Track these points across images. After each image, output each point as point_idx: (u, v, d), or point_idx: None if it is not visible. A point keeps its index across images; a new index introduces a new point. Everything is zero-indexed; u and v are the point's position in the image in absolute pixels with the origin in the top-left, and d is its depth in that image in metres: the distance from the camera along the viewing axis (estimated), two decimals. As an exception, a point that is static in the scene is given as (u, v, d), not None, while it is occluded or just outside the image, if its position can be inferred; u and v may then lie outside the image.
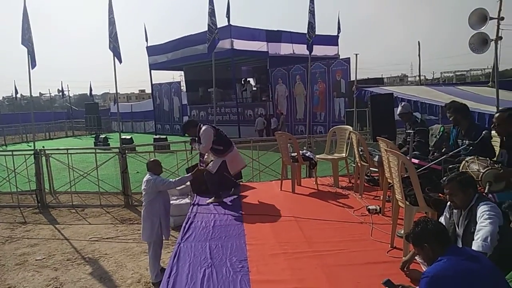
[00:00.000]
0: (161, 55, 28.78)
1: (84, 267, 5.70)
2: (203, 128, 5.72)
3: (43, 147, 9.79)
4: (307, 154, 6.69)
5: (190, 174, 5.54)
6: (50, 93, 63.64)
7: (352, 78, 15.86)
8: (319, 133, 19.02)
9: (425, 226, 2.47)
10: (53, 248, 6.52)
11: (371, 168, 6.42)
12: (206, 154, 5.95)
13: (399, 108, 5.86)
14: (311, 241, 4.06)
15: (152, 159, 5.47)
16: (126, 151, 9.11)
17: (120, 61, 8.79)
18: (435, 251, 2.38)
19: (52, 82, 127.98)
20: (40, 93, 69.54)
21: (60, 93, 51.12)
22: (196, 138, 5.78)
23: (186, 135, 6.13)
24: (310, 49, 8.73)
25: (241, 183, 6.97)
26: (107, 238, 6.86)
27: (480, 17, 5.62)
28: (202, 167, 5.77)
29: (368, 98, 8.18)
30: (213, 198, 5.71)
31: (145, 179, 5.19)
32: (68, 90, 56.58)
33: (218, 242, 4.17)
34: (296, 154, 6.40)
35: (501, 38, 6.82)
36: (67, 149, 9.75)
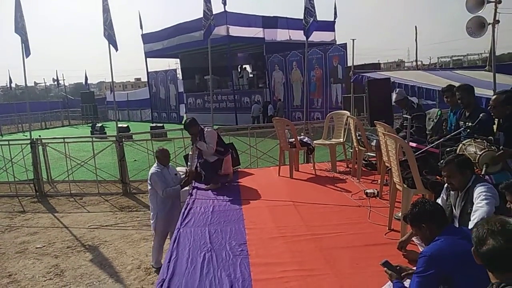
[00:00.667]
0: (156, 43, 28.51)
1: (84, 254, 5.74)
2: (209, 129, 5.87)
3: (40, 136, 9.76)
4: (304, 140, 6.71)
5: (182, 184, 5.41)
6: (45, 83, 63.26)
7: (349, 63, 15.82)
8: (317, 119, 19.00)
9: (423, 206, 2.49)
10: (52, 236, 6.56)
11: (368, 153, 6.45)
12: (191, 163, 5.91)
13: (394, 95, 5.85)
14: (310, 225, 4.09)
15: (161, 148, 5.42)
16: (123, 140, 9.09)
17: (116, 49, 8.70)
18: (432, 231, 2.41)
19: (47, 71, 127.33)
20: (35, 82, 68.96)
21: (55, 82, 50.77)
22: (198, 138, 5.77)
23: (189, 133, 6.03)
24: (307, 34, 8.65)
25: (239, 169, 7.00)
26: (106, 226, 6.90)
27: (477, 0, 5.59)
28: (186, 178, 5.63)
29: (365, 84, 8.16)
30: (210, 184, 5.73)
31: (151, 171, 5.21)
32: (63, 79, 56.15)
33: (218, 226, 4.19)
34: (294, 140, 6.41)
35: (498, 21, 6.81)
36: (64, 138, 9.73)
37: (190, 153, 6.00)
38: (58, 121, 36.08)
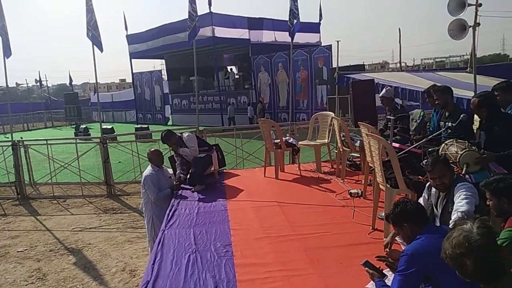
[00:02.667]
0: (141, 44, 28.33)
1: (68, 257, 5.66)
2: (186, 134, 5.87)
3: (21, 138, 9.59)
4: (290, 141, 6.73)
5: (171, 190, 5.40)
6: (27, 84, 61.91)
7: (334, 65, 15.93)
8: (302, 120, 19.08)
9: (404, 206, 2.53)
10: (35, 239, 6.44)
11: (352, 153, 6.51)
12: (180, 169, 5.90)
13: (383, 91, 5.90)
14: (295, 225, 4.11)
15: (152, 149, 5.39)
16: (108, 141, 9.00)
17: (101, 50, 8.60)
18: (414, 230, 2.45)
19: (29, 72, 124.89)
20: (16, 83, 67.62)
21: (38, 83, 49.91)
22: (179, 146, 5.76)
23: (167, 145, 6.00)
24: (292, 36, 8.70)
25: (224, 170, 6.99)
26: (90, 228, 6.81)
27: (458, 3, 5.68)
28: (183, 175, 5.76)
29: (350, 85, 8.24)
30: (196, 186, 5.71)
31: (144, 174, 5.18)
32: (46, 80, 55.12)
33: (202, 228, 4.18)
34: (279, 140, 6.43)
35: (479, 24, 6.92)
36: (47, 140, 9.58)
37: (176, 161, 6.00)
38: (41, 123, 35.49)
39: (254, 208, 4.79)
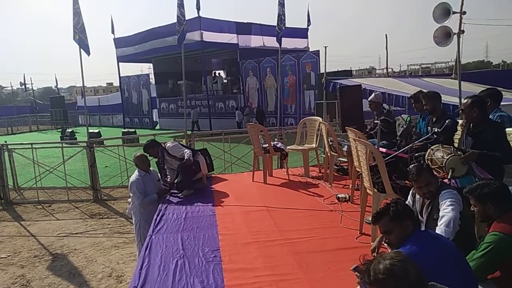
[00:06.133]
0: (129, 47, 28.13)
1: (53, 263, 5.57)
2: (169, 144, 5.89)
3: (5, 142, 9.44)
4: (278, 145, 6.76)
5: (157, 195, 5.34)
6: (12, 87, 61.07)
7: (322, 70, 16.04)
8: (290, 125, 19.17)
9: (397, 207, 2.50)
10: (18, 245, 6.33)
11: (340, 158, 6.56)
12: (169, 175, 5.87)
13: (372, 95, 5.97)
14: (283, 230, 4.12)
15: (137, 154, 5.34)
16: (94, 145, 8.90)
17: (88, 53, 8.52)
18: (403, 233, 2.45)
19: (14, 75, 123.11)
20: (1, 86, 66.71)
21: (23, 86, 49.23)
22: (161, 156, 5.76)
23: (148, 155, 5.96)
24: (279, 41, 8.75)
25: (213, 175, 6.97)
26: (76, 233, 6.72)
27: (443, 11, 5.79)
28: (165, 187, 5.67)
29: (337, 90, 8.30)
30: (184, 191, 5.68)
31: (131, 179, 5.15)
32: (32, 83, 54.49)
33: (190, 233, 4.16)
34: (267, 145, 6.45)
35: (463, 31, 7.05)
36: (32, 144, 9.44)
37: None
38: (25, 126, 34.96)
39: (242, 213, 4.79)
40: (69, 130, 23.75)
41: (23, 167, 10.17)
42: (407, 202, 3.21)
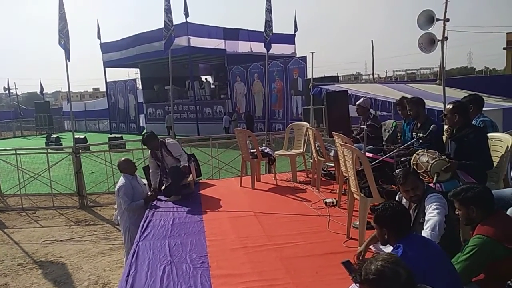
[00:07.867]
0: (115, 52, 27.93)
1: (37, 271, 5.47)
2: (170, 141, 5.86)
3: (-12, 147, 9.28)
4: (266, 151, 6.77)
5: (144, 201, 5.27)
6: (-5, 92, 60.05)
7: (309, 76, 16.16)
8: (278, 130, 19.23)
9: (394, 209, 2.50)
10: (1, 253, 6.20)
11: (327, 163, 6.59)
12: (154, 182, 5.83)
13: (360, 100, 6.03)
14: (270, 235, 4.12)
15: (123, 159, 5.30)
16: (80, 151, 8.80)
17: (68, 59, 8.44)
18: (394, 235, 2.47)
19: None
20: (-16, 91, 65.43)
21: (7, 91, 48.47)
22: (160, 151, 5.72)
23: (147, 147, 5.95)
24: (267, 47, 8.80)
25: (200, 180, 6.95)
26: (61, 241, 6.62)
27: (427, 18, 5.90)
28: (152, 193, 5.60)
29: (324, 96, 8.38)
30: (172, 196, 5.65)
31: (118, 184, 5.10)
32: (16, 88, 53.67)
33: (178, 239, 4.14)
34: (255, 150, 6.46)
35: (447, 38, 7.20)
36: (16, 150, 9.28)
37: (150, 170, 5.91)
38: (9, 132, 34.39)
39: (230, 218, 4.78)
40: (55, 135, 23.43)
41: (7, 173, 9.99)
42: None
